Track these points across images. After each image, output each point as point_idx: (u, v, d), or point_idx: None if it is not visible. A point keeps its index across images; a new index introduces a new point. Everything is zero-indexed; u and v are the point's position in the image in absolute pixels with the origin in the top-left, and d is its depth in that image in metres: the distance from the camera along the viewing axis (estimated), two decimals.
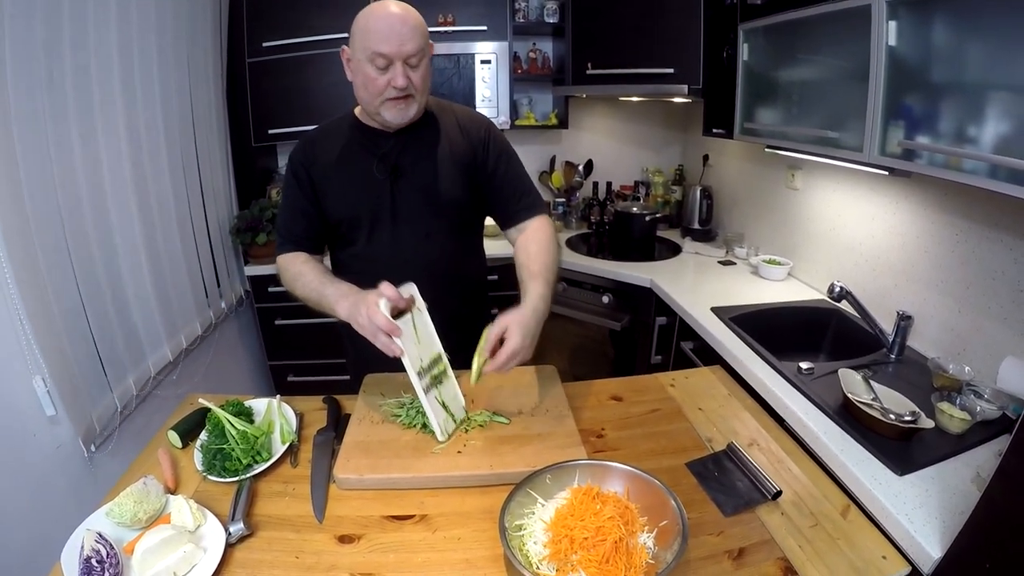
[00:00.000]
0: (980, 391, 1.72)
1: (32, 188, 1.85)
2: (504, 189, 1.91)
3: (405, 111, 1.71)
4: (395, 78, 1.63)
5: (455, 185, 1.85)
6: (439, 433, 1.53)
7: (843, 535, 1.29)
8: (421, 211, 1.84)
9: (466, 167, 1.87)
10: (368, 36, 1.60)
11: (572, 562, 1.13)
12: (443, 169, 1.84)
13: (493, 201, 1.93)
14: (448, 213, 1.88)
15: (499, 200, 1.92)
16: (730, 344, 2.23)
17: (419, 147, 1.83)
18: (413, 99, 1.70)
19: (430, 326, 1.63)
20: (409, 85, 1.65)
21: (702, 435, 1.64)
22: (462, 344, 1.75)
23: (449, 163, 1.84)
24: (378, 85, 1.65)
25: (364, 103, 1.75)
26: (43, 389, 1.83)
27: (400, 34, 1.60)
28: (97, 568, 1.12)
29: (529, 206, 1.91)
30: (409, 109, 1.71)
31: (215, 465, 1.46)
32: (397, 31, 1.59)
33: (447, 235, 1.90)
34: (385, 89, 1.65)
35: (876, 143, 1.85)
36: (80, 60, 2.05)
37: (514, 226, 1.92)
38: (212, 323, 3.13)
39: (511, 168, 1.92)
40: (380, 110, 1.70)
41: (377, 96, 1.67)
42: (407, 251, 1.85)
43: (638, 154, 4.35)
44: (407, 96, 1.68)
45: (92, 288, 2.13)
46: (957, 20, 1.59)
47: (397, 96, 1.66)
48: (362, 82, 1.68)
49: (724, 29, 2.75)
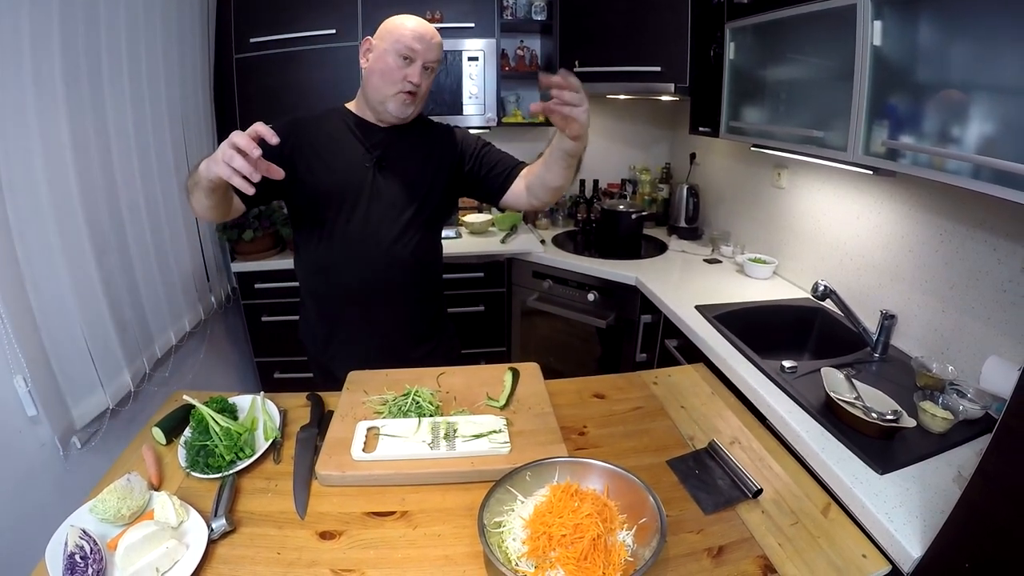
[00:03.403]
0: (963, 390, 1.73)
1: (17, 186, 1.83)
2: (493, 159, 2.06)
3: (408, 107, 1.90)
4: (412, 74, 1.84)
5: (434, 182, 2.02)
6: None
7: (823, 533, 1.29)
8: (397, 199, 1.97)
9: (445, 170, 2.04)
10: (404, 33, 1.83)
11: (551, 559, 1.13)
12: (425, 167, 2.01)
13: (485, 176, 2.05)
14: (423, 205, 2.01)
15: (490, 171, 2.05)
16: (714, 342, 2.24)
17: (405, 145, 1.99)
18: (416, 99, 1.90)
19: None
20: (419, 86, 1.87)
21: (684, 433, 1.65)
22: (427, 332, 2.17)
23: (431, 163, 2.02)
24: (397, 76, 1.84)
25: (374, 90, 1.89)
26: (24, 389, 1.81)
27: (431, 41, 1.86)
28: (81, 564, 1.12)
29: (520, 164, 2.06)
30: (411, 107, 1.91)
31: (198, 462, 1.45)
32: (429, 38, 1.86)
33: (419, 226, 2.02)
34: (401, 82, 1.84)
35: (860, 143, 1.85)
36: (69, 56, 2.03)
37: (518, 176, 2.02)
38: (200, 320, 3.11)
39: (493, 149, 2.11)
40: (387, 101, 1.88)
41: (392, 85, 1.85)
42: (380, 235, 1.96)
43: (625, 152, 4.36)
44: (414, 94, 1.88)
45: (82, 286, 2.11)
46: (942, 20, 1.59)
47: (407, 91, 1.86)
48: (381, 70, 1.86)
49: (711, 28, 2.75)
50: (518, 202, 2.02)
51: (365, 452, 1.47)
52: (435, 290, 2.23)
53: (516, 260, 3.61)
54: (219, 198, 1.65)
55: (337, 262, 1.96)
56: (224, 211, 1.76)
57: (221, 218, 1.80)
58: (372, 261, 1.96)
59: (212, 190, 1.57)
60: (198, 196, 1.62)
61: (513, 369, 1.83)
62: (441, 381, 1.82)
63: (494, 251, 3.56)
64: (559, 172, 1.80)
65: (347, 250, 1.95)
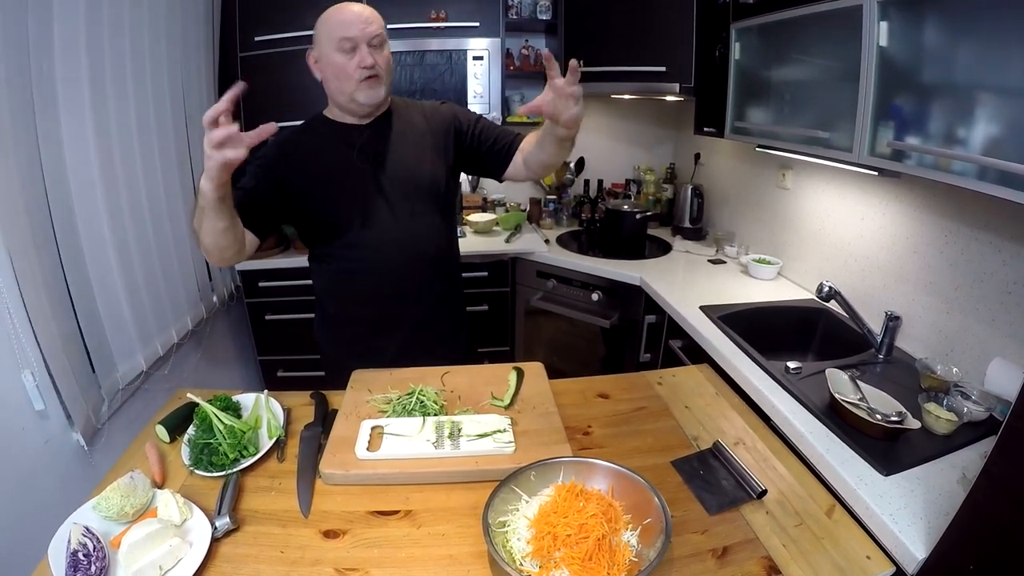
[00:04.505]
0: (968, 392, 1.72)
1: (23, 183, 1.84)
2: (492, 134, 2.04)
3: (377, 89, 1.85)
4: (363, 58, 1.78)
5: (433, 165, 1.99)
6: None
7: (828, 534, 1.29)
8: (404, 191, 1.94)
9: (443, 149, 2.01)
10: (332, 27, 1.78)
11: (555, 559, 1.13)
12: (419, 151, 1.98)
13: (486, 152, 2.04)
14: (430, 191, 1.99)
15: (492, 146, 2.03)
16: (718, 343, 2.24)
17: (392, 134, 1.96)
18: (380, 79, 1.85)
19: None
20: (376, 65, 1.81)
21: (688, 433, 1.65)
22: (449, 332, 2.17)
23: (423, 146, 1.99)
24: (348, 69, 1.79)
25: (337, 93, 1.87)
26: (32, 383, 1.81)
27: (362, 19, 1.79)
28: (84, 562, 1.12)
29: (519, 135, 2.04)
30: (379, 88, 1.85)
31: (202, 460, 1.46)
32: (358, 17, 1.79)
33: (431, 213, 2.01)
34: (355, 71, 1.79)
35: (866, 143, 1.85)
36: (72, 55, 2.03)
37: (516, 151, 2.01)
38: (203, 318, 3.11)
39: (488, 123, 2.09)
40: (354, 94, 1.83)
41: (348, 80, 1.81)
42: (397, 230, 1.94)
43: (629, 152, 4.35)
44: (375, 76, 1.82)
45: (81, 283, 2.11)
46: (948, 21, 1.58)
47: (367, 76, 1.81)
48: (332, 73, 1.82)
49: (716, 28, 2.75)
50: (517, 175, 2.03)
51: (369, 451, 1.47)
52: (457, 281, 2.23)
53: (520, 260, 3.60)
54: (227, 215, 1.59)
55: (362, 267, 1.96)
56: (236, 235, 1.68)
57: (235, 248, 1.72)
58: (396, 259, 1.95)
59: (219, 203, 1.53)
60: (207, 223, 1.58)
61: (518, 369, 1.83)
62: (445, 380, 1.82)
63: (498, 250, 3.55)
64: (552, 151, 1.82)
65: (370, 254, 1.94)
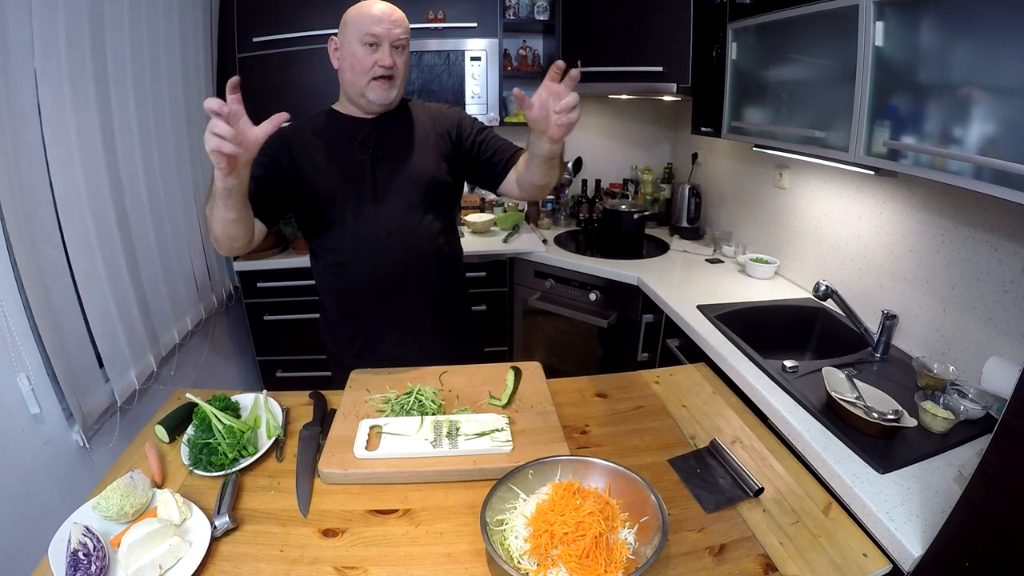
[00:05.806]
0: (964, 391, 1.73)
1: (26, 184, 1.84)
2: (492, 147, 2.00)
3: (388, 91, 1.86)
4: (383, 57, 1.81)
5: (434, 164, 1.97)
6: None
7: (824, 532, 1.30)
8: (402, 186, 1.94)
9: (444, 150, 2.00)
10: (362, 20, 1.79)
11: (552, 557, 1.14)
12: (421, 150, 1.97)
13: (485, 162, 2.01)
14: (428, 188, 1.97)
15: (490, 159, 2.00)
16: (715, 342, 2.24)
17: (396, 132, 1.97)
18: (395, 81, 1.87)
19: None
20: (394, 67, 1.83)
21: (686, 432, 1.65)
22: (448, 332, 2.14)
23: (426, 146, 1.98)
24: (366, 64, 1.81)
25: (350, 85, 1.88)
26: (27, 387, 1.81)
27: (391, 20, 1.81)
28: (84, 561, 1.13)
29: (519, 151, 1.98)
30: (392, 90, 1.87)
31: (201, 459, 1.47)
32: (388, 17, 1.81)
33: (428, 210, 1.98)
34: (372, 68, 1.81)
35: (862, 143, 1.85)
36: (75, 56, 2.03)
37: (512, 167, 1.97)
38: (203, 319, 3.12)
39: (491, 134, 2.04)
40: (365, 90, 1.85)
41: (364, 75, 1.83)
42: (391, 224, 1.93)
43: (627, 152, 4.35)
44: (391, 77, 1.84)
45: (88, 284, 2.11)
46: (944, 21, 1.59)
47: (383, 75, 1.83)
48: (350, 64, 1.84)
49: (713, 28, 2.76)
50: (511, 192, 1.99)
51: (368, 450, 1.48)
52: (456, 279, 2.21)
53: (518, 259, 3.61)
54: (235, 207, 1.57)
55: (354, 260, 1.95)
56: (247, 225, 1.68)
57: (245, 240, 1.71)
58: (388, 253, 1.94)
59: (226, 194, 1.51)
60: (218, 212, 1.57)
61: (515, 368, 1.83)
62: (443, 380, 1.83)
63: (496, 250, 3.56)
64: (540, 173, 1.78)
65: (362, 247, 1.93)
